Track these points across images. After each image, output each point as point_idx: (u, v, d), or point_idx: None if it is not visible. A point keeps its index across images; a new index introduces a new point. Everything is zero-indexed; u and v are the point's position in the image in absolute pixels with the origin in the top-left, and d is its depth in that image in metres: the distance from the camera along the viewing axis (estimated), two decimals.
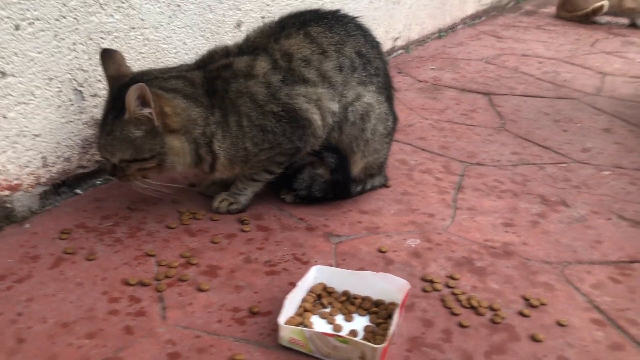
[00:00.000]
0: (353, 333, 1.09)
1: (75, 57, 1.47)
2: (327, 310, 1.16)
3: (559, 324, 1.15)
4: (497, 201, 1.62)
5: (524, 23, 4.20)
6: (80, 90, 1.51)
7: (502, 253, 1.38)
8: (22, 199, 1.44)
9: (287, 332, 1.04)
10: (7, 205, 1.41)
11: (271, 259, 1.32)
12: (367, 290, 1.19)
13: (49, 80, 1.42)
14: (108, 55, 1.38)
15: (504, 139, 2.06)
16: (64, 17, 1.41)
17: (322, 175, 1.53)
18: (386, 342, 1.02)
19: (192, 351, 1.04)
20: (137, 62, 1.63)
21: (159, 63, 1.70)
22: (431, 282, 1.26)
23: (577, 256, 1.39)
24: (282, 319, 1.05)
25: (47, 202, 1.50)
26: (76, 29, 1.45)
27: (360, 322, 1.13)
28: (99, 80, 1.53)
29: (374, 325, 1.12)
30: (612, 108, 2.43)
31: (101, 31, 1.51)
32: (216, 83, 1.37)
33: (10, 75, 1.33)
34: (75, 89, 1.50)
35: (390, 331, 1.05)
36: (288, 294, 1.11)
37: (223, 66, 1.39)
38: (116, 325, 1.10)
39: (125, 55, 1.45)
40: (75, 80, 1.49)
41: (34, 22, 1.35)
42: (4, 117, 1.35)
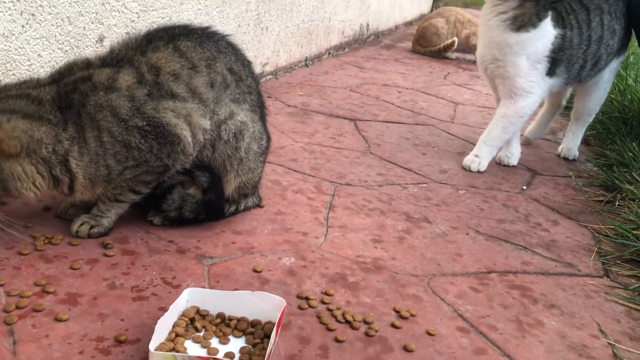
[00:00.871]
0: (229, 355, 1.05)
1: None
2: (201, 334, 1.10)
3: (428, 334, 1.20)
4: (366, 219, 1.68)
5: (383, 56, 4.47)
6: None
7: (373, 268, 1.42)
8: None
9: (158, 359, 0.97)
10: None
11: (139, 284, 1.23)
12: (242, 311, 1.15)
13: None
14: None
15: (369, 161, 2.15)
16: None
17: (194, 195, 1.47)
18: None
19: None
20: None
21: (10, 75, 1.55)
22: (307, 299, 1.25)
23: (441, 269, 1.47)
24: (152, 345, 0.98)
25: None
26: None
27: (236, 344, 1.09)
28: None
29: (250, 347, 1.08)
30: (464, 134, 2.65)
31: None
32: (72, 97, 1.27)
33: None
34: None
35: (267, 351, 1.02)
36: (159, 319, 1.04)
37: (81, 78, 1.29)
38: None
39: None
40: None
41: None
42: None
